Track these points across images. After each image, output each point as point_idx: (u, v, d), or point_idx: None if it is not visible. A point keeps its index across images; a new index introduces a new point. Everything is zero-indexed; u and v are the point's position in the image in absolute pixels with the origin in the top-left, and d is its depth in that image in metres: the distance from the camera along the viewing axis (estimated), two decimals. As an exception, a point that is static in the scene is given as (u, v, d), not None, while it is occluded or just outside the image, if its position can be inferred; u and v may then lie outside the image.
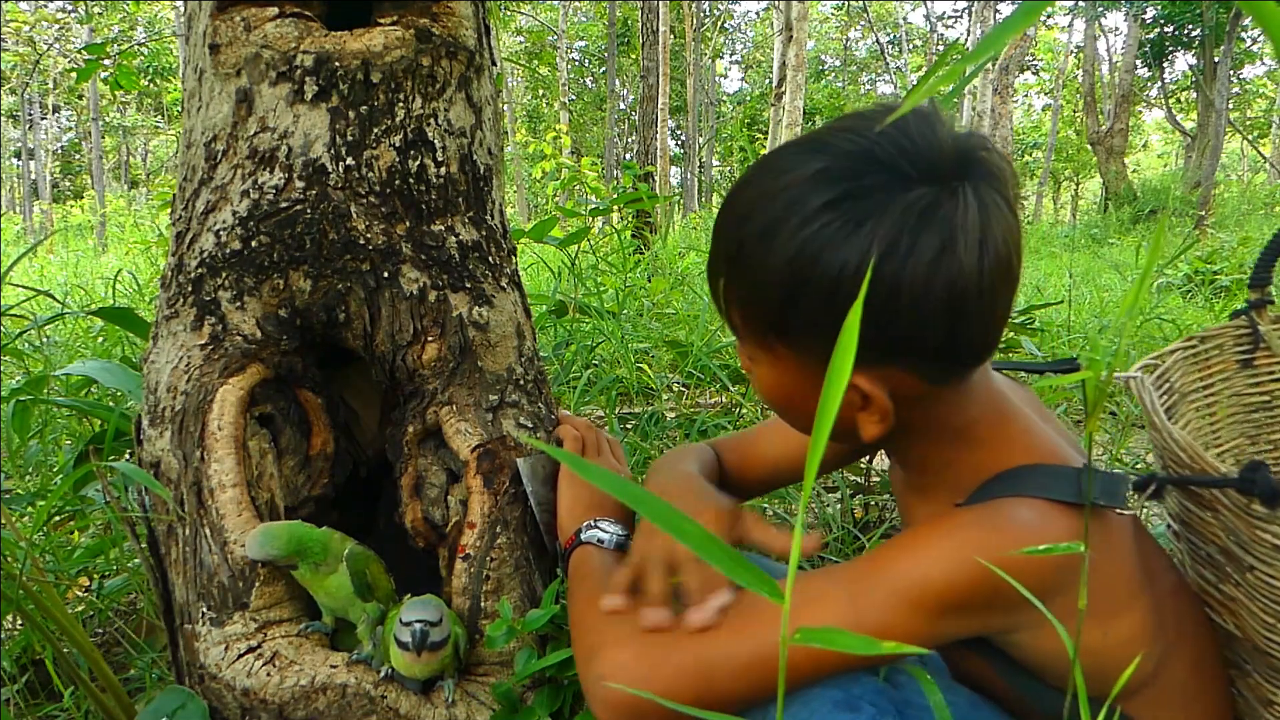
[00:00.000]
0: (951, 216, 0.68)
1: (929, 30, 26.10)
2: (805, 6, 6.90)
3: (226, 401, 1.00)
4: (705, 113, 25.85)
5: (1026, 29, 0.39)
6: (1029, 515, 0.72)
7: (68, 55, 17.94)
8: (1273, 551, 0.70)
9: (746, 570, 0.39)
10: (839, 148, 0.72)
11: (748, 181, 0.77)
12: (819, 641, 0.41)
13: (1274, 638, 0.73)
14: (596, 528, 0.95)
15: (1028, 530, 0.71)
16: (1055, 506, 0.73)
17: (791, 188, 0.72)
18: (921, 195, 0.68)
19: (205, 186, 1.03)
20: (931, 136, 0.71)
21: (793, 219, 0.71)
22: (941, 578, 0.70)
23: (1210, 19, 13.89)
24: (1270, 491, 0.66)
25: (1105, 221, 14.51)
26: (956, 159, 0.70)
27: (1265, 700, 0.77)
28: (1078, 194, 30.16)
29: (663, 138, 10.84)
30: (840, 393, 0.38)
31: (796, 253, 0.70)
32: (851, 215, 0.69)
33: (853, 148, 0.71)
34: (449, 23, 1.03)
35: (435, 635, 0.91)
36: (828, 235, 0.69)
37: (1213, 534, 0.77)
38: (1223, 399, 1.00)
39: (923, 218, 0.68)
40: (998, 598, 0.70)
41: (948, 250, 0.68)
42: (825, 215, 0.70)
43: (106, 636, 1.40)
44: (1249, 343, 1.00)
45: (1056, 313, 3.93)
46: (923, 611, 0.70)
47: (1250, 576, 0.74)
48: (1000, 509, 0.73)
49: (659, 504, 0.40)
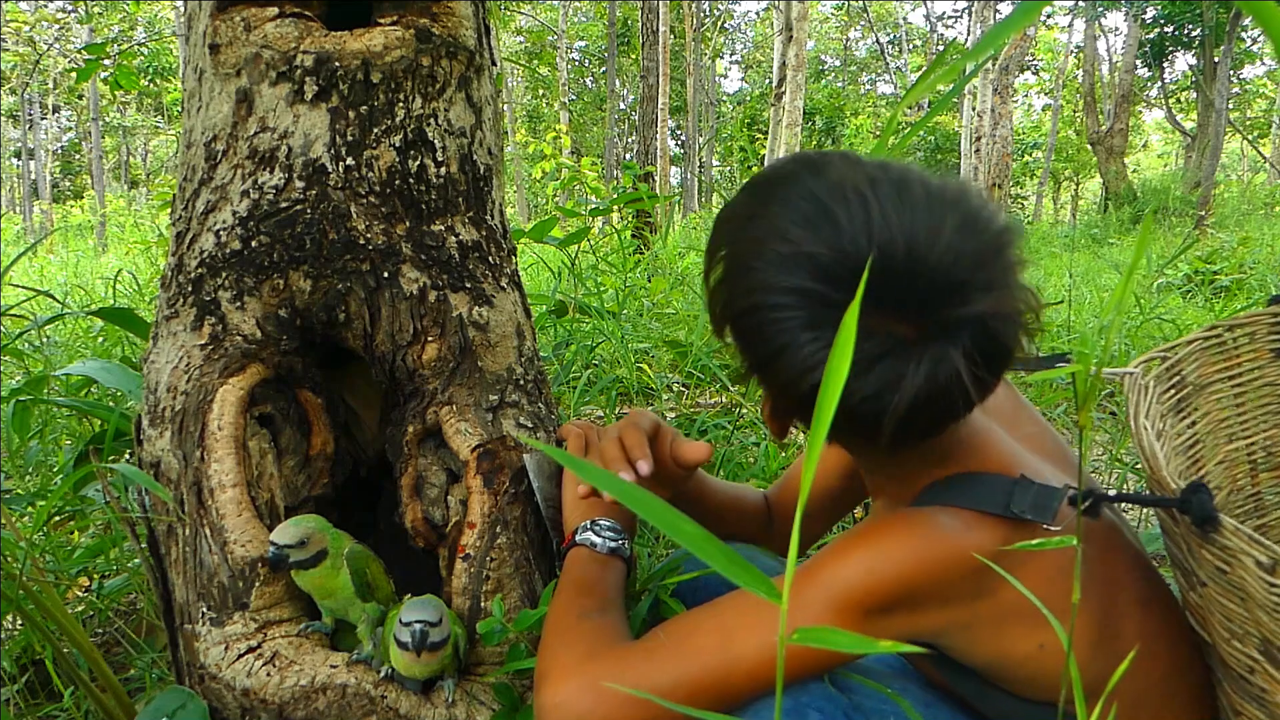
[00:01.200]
0: (895, 370, 0.67)
1: (929, 30, 26.10)
2: (805, 6, 6.90)
3: (226, 401, 1.00)
4: (705, 113, 25.85)
5: (1026, 28, 0.39)
6: (951, 523, 0.73)
7: (68, 55, 17.94)
8: (1216, 573, 0.69)
9: (743, 569, 0.39)
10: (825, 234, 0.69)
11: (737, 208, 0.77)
12: (816, 641, 0.41)
13: (1235, 653, 0.73)
14: (592, 530, 0.95)
15: (948, 538, 0.72)
16: (981, 517, 0.73)
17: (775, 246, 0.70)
18: (889, 339, 0.67)
19: (205, 186, 1.03)
20: (946, 257, 0.66)
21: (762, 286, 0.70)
22: (862, 582, 0.72)
23: (1210, 19, 13.89)
24: (1203, 515, 0.65)
25: (1105, 221, 14.51)
26: (935, 299, 0.66)
27: (1235, 710, 0.77)
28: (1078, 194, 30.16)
29: (663, 138, 10.85)
30: (836, 393, 0.38)
31: (754, 326, 0.72)
32: (807, 317, 0.68)
33: (837, 244, 0.68)
34: (449, 23, 1.03)
35: (435, 635, 0.91)
36: (783, 322, 0.69)
37: (1174, 545, 0.77)
38: (1251, 390, 0.94)
39: (865, 361, 0.67)
40: (920, 600, 0.72)
41: (883, 395, 0.67)
42: (788, 298, 0.69)
43: (106, 636, 1.40)
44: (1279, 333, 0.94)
45: (1056, 313, 3.93)
46: (849, 614, 0.72)
47: (1207, 592, 0.73)
48: (925, 516, 0.75)
49: (657, 503, 0.40)
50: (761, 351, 0.71)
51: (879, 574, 0.72)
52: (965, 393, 0.68)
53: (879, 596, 0.72)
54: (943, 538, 0.72)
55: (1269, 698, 0.71)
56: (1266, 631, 0.67)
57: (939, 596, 0.72)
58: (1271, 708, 0.71)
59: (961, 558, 0.71)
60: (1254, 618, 0.68)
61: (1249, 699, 0.74)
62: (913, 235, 0.66)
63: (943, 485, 0.78)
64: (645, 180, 6.43)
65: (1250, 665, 0.71)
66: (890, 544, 0.73)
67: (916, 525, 0.74)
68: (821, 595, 0.72)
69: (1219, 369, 0.94)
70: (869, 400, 0.68)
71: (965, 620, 0.74)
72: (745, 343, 0.74)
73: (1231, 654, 0.73)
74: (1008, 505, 0.73)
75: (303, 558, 0.94)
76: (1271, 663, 0.69)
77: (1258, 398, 0.95)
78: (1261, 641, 0.69)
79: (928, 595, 0.72)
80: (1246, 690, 0.74)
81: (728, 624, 0.75)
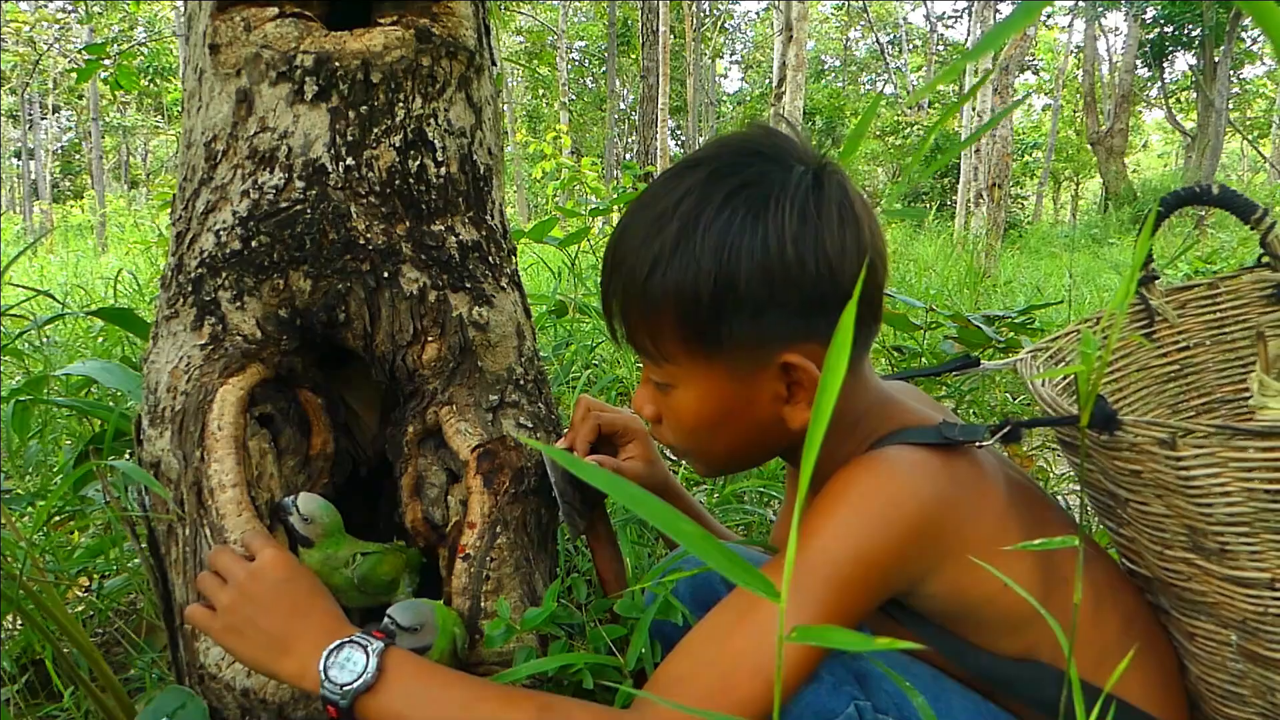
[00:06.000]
0: (838, 187, 0.75)
1: (929, 30, 26.10)
2: (805, 6, 6.90)
3: (226, 401, 1.00)
4: (705, 113, 25.84)
5: (1026, 29, 0.39)
6: (901, 454, 0.75)
7: (68, 55, 17.93)
8: (1133, 478, 0.73)
9: (740, 567, 0.39)
10: (717, 156, 0.77)
11: (633, 214, 0.79)
12: (815, 640, 0.41)
13: (1169, 566, 0.76)
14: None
15: (904, 465, 0.74)
16: (922, 447, 0.76)
17: (689, 195, 0.75)
18: (803, 174, 0.74)
19: (205, 186, 1.03)
20: (792, 136, 0.79)
21: (701, 221, 0.73)
22: (850, 552, 0.71)
23: (1210, 19, 13.89)
24: (1104, 417, 0.70)
25: (1105, 221, 14.52)
26: (815, 152, 0.78)
27: (1187, 634, 0.80)
28: (1078, 194, 30.16)
29: (663, 138, 10.84)
30: (838, 380, 0.38)
31: (716, 249, 0.73)
32: (754, 200, 0.73)
33: (733, 148, 0.77)
34: (449, 23, 1.03)
35: (406, 641, 0.86)
36: (740, 224, 0.72)
37: (1097, 480, 0.80)
38: (1129, 373, 1.04)
39: (815, 191, 0.74)
40: (905, 544, 0.72)
41: (845, 218, 0.74)
42: (730, 205, 0.73)
43: (106, 636, 1.40)
44: (1145, 318, 1.04)
45: (1056, 313, 3.93)
46: (851, 588, 0.71)
47: (1130, 510, 0.77)
48: (872, 458, 0.76)
49: (655, 503, 0.40)
50: (753, 259, 0.73)
51: (862, 538, 0.71)
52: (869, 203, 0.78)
53: (875, 558, 0.71)
54: (902, 474, 0.74)
55: (1208, 598, 0.74)
56: (1189, 518, 0.71)
57: (916, 538, 0.72)
58: (1213, 609, 0.74)
59: (926, 491, 0.73)
60: (1175, 510, 0.71)
61: (1195, 613, 0.77)
62: (770, 130, 0.80)
63: (885, 439, 0.79)
64: (645, 180, 6.43)
65: (1185, 572, 0.75)
66: (857, 500, 0.73)
67: (872, 472, 0.74)
68: (815, 582, 0.70)
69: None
70: (842, 227, 0.74)
71: (935, 558, 0.74)
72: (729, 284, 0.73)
73: (1167, 570, 0.77)
74: (941, 436, 0.76)
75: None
76: (1201, 554, 0.72)
77: (1136, 380, 1.04)
78: (1188, 534, 0.72)
79: (907, 541, 0.72)
80: (1190, 604, 0.77)
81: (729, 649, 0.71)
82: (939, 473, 0.75)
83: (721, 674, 0.70)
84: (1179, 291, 1.04)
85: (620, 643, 0.95)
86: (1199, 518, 0.70)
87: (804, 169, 0.75)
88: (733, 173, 0.74)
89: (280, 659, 0.80)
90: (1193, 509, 0.70)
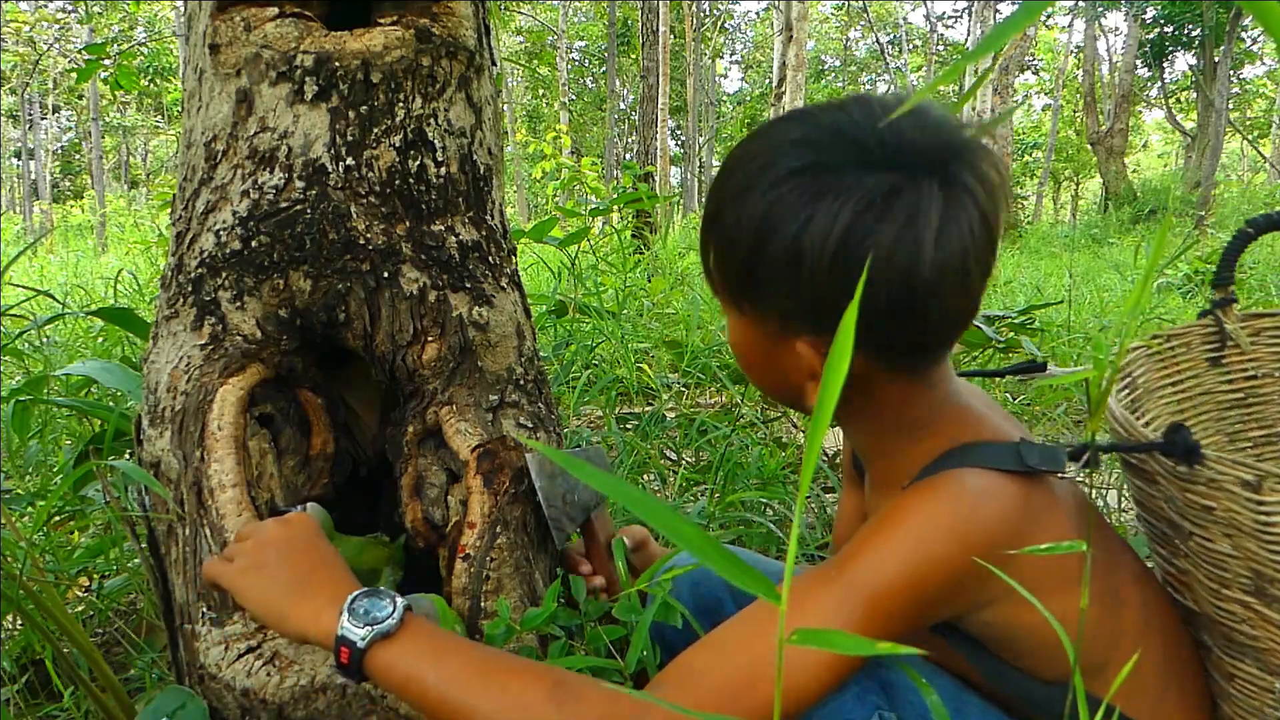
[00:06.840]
0: (911, 206, 0.68)
1: (929, 30, 26.09)
2: (805, 6, 6.90)
3: (226, 401, 1.00)
4: (705, 113, 25.84)
5: (1026, 29, 0.39)
6: (977, 482, 0.73)
7: (68, 55, 17.94)
8: (1203, 513, 0.72)
9: (747, 574, 0.39)
10: (820, 121, 0.73)
11: (741, 143, 0.78)
12: (815, 643, 0.41)
13: (1222, 605, 0.75)
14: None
15: (979, 496, 0.72)
16: (1000, 473, 0.74)
17: (767, 151, 0.73)
18: (881, 180, 0.69)
19: (205, 186, 1.03)
20: (914, 128, 0.70)
21: (763, 181, 0.72)
22: (904, 577, 0.70)
23: (1210, 19, 13.89)
24: (1186, 449, 0.69)
25: (1105, 221, 14.51)
26: (935, 154, 0.70)
27: (1227, 675, 0.79)
28: (1078, 194, 30.14)
29: (663, 138, 10.84)
30: (842, 374, 0.38)
31: (762, 216, 0.72)
32: (813, 186, 0.70)
33: (831, 123, 0.72)
34: (449, 23, 1.03)
35: None
36: (789, 202, 0.71)
37: (1159, 507, 0.79)
38: (1193, 397, 1.01)
39: (882, 202, 0.68)
40: (963, 578, 0.71)
41: (902, 240, 0.68)
42: (791, 181, 0.71)
43: (106, 636, 1.40)
44: (1216, 341, 1.01)
45: (1056, 313, 3.93)
46: (895, 612, 0.70)
47: (1192, 544, 0.75)
48: (947, 480, 0.74)
49: (655, 503, 0.40)
50: (784, 240, 0.70)
51: (917, 565, 0.69)
52: (970, 232, 0.69)
53: (923, 587, 0.70)
54: (975, 506, 0.71)
55: (1260, 643, 0.73)
56: (1258, 562, 0.69)
57: (976, 574, 0.70)
58: (1262, 654, 0.73)
59: (997, 527, 0.71)
60: (1244, 552, 0.70)
61: (1240, 654, 0.76)
62: (888, 113, 0.71)
63: (951, 454, 0.77)
64: (645, 180, 6.43)
65: (1240, 614, 0.73)
66: (922, 527, 0.71)
67: (945, 497, 0.72)
68: (859, 601, 0.68)
69: (1161, 376, 1.00)
70: (898, 247, 0.68)
71: (994, 593, 0.72)
72: (760, 253, 0.72)
73: (1220, 608, 0.75)
74: (1021, 460, 0.74)
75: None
76: (1261, 599, 0.71)
77: (1198, 405, 1.02)
78: (1253, 578, 0.71)
79: (966, 575, 0.70)
80: (1237, 645, 0.76)
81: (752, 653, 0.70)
82: (1013, 505, 0.72)
83: (747, 672, 0.69)
84: (1255, 318, 1.01)
85: (619, 644, 0.95)
86: (1269, 564, 0.68)
87: (885, 177, 0.69)
88: (813, 150, 0.71)
89: (298, 601, 0.78)
90: (1264, 554, 0.68)
